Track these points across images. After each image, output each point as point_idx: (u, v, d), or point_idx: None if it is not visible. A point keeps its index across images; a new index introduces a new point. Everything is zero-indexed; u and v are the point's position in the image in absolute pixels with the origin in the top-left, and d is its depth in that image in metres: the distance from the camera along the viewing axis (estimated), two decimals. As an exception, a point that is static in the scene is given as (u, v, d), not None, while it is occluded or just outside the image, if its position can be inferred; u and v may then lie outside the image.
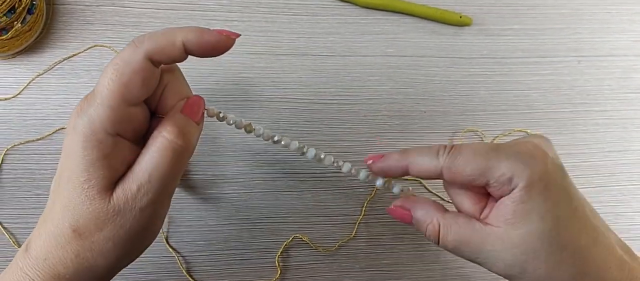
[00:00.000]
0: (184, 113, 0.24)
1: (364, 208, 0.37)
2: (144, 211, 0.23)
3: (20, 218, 0.34)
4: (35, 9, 0.34)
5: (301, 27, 0.39)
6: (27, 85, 0.35)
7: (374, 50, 0.39)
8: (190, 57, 0.25)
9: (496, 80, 0.40)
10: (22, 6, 0.33)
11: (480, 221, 0.25)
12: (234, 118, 0.28)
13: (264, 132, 0.28)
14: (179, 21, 0.38)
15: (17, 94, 0.35)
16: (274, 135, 0.29)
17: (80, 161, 0.22)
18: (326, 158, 0.29)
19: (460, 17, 0.40)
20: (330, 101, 0.38)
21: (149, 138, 0.23)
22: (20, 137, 0.34)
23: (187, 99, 0.25)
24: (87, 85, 0.36)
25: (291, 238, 0.36)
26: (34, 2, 0.34)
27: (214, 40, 0.23)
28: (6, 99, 0.35)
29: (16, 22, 0.33)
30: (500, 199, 0.25)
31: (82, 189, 0.22)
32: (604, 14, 0.42)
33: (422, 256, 0.37)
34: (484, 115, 0.40)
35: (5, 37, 0.33)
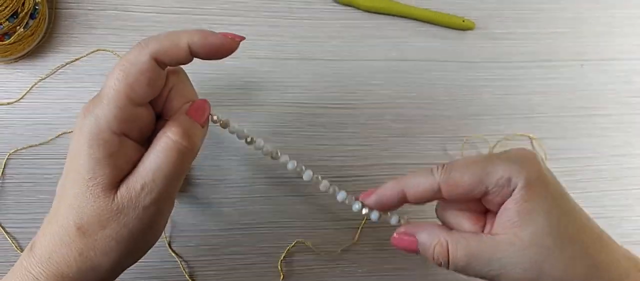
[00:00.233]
0: (189, 116, 0.25)
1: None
2: (147, 210, 0.23)
3: (23, 223, 0.34)
4: (37, 13, 0.34)
5: (304, 31, 0.39)
6: (30, 89, 0.35)
7: (377, 54, 0.39)
8: (194, 62, 0.25)
9: (499, 84, 0.40)
10: (25, 11, 0.33)
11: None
12: (236, 128, 0.28)
13: (264, 146, 0.28)
14: (182, 26, 0.37)
15: (20, 99, 0.35)
16: (273, 151, 0.29)
17: (86, 160, 0.22)
18: (322, 183, 0.29)
19: (463, 21, 0.40)
20: (333, 105, 0.38)
21: (154, 139, 0.24)
22: (23, 141, 0.34)
23: (193, 102, 0.25)
24: (90, 89, 0.36)
25: (294, 242, 0.36)
26: (37, 7, 0.34)
27: (219, 42, 0.24)
28: (9, 104, 0.35)
29: (19, 27, 0.33)
30: (501, 208, 0.25)
31: (87, 187, 0.22)
32: (607, 17, 0.42)
33: (425, 261, 0.37)
34: (487, 119, 0.40)
35: (7, 42, 0.33)
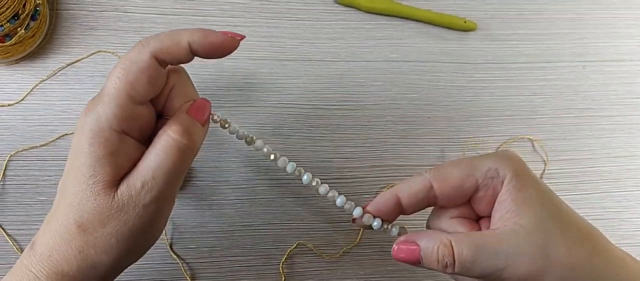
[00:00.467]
0: (190, 114, 0.25)
1: None
2: (147, 209, 0.23)
3: (23, 224, 0.34)
4: (38, 15, 0.34)
5: (305, 32, 0.38)
6: (31, 91, 0.35)
7: (378, 55, 0.39)
8: (194, 63, 0.25)
9: (500, 85, 0.40)
10: (26, 13, 0.33)
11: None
12: (236, 129, 0.28)
13: (264, 148, 0.28)
14: (181, 26, 0.36)
15: (21, 100, 0.35)
16: (272, 153, 0.29)
17: (86, 157, 0.22)
18: (321, 187, 0.29)
19: (464, 22, 0.40)
20: (334, 107, 0.38)
21: (155, 137, 0.24)
22: (23, 143, 0.34)
23: (194, 101, 0.25)
24: (90, 90, 0.36)
25: (295, 244, 0.36)
26: (38, 8, 0.34)
27: (219, 41, 0.24)
28: (9, 105, 0.35)
29: (20, 29, 0.33)
30: (495, 204, 0.25)
31: (87, 185, 0.22)
32: (609, 18, 0.42)
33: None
34: (488, 120, 0.39)
35: (8, 43, 0.33)
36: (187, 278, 0.35)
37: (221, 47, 0.24)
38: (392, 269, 0.37)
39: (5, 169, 0.34)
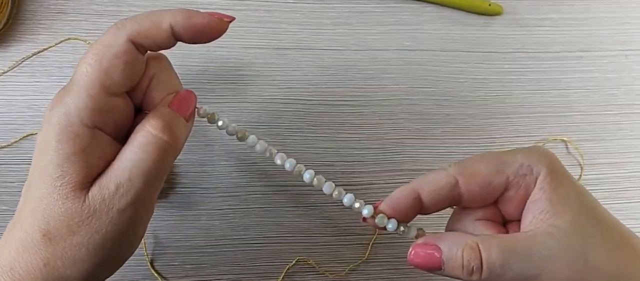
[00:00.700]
0: (172, 108, 0.24)
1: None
2: (122, 214, 0.22)
3: (-19, 238, 0.31)
4: (-4, -4, 0.32)
5: (305, 17, 0.37)
6: (-11, 84, 0.33)
7: (390, 43, 0.37)
8: (179, 52, 0.25)
9: (530, 78, 0.38)
10: (-21, -8, 0.29)
11: None
12: (226, 123, 0.27)
13: (258, 144, 0.27)
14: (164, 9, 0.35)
15: (-22, 95, 0.33)
16: (268, 149, 0.27)
17: (53, 155, 0.21)
18: (325, 185, 0.27)
19: (489, 5, 0.38)
20: (339, 102, 0.36)
21: (132, 134, 0.23)
22: (-19, 145, 0.33)
23: (176, 93, 0.25)
24: (59, 84, 0.34)
25: (295, 261, 0.34)
26: (-5, -12, 0.31)
27: (205, 22, 0.23)
28: (-35, 101, 0.33)
29: (-27, 12, 0.30)
30: (526, 204, 0.24)
31: (54, 187, 0.21)
32: (656, 1, 0.41)
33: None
34: (516, 118, 0.37)
35: (-40, 29, 0.30)
36: (170, 300, 0.33)
37: (207, 30, 0.23)
38: (407, 289, 0.35)
39: (-41, 175, 0.32)
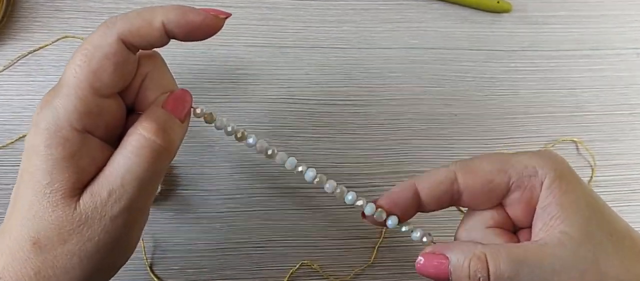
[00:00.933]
0: (165, 109, 0.23)
1: (385, 230, 0.34)
2: (115, 221, 0.21)
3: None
4: (-10, -8, 0.31)
5: (309, 14, 0.36)
6: (-16, 84, 0.33)
7: (396, 41, 0.37)
8: (178, 50, 0.25)
9: (540, 77, 0.37)
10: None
11: None
12: (224, 122, 0.26)
13: (258, 143, 0.26)
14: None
15: (-28, 95, 0.33)
16: (268, 148, 0.26)
17: (42, 161, 0.21)
18: (327, 184, 0.26)
19: (497, 2, 0.37)
20: (343, 102, 0.35)
21: (124, 137, 0.22)
22: (-25, 146, 0.32)
23: (170, 93, 0.24)
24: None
25: (299, 265, 0.33)
26: (-11, -15, 0.31)
27: (200, 20, 0.22)
28: (-41, 101, 0.33)
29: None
30: (536, 210, 0.24)
31: (43, 194, 0.21)
32: (668, -3, 0.40)
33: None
34: (525, 118, 0.36)
35: (-47, 27, 0.30)
36: (170, 306, 0.32)
37: (202, 27, 0.23)
38: (413, 294, 0.35)
39: (-48, 177, 0.32)
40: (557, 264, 0.22)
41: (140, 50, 0.23)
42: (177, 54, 0.33)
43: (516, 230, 0.26)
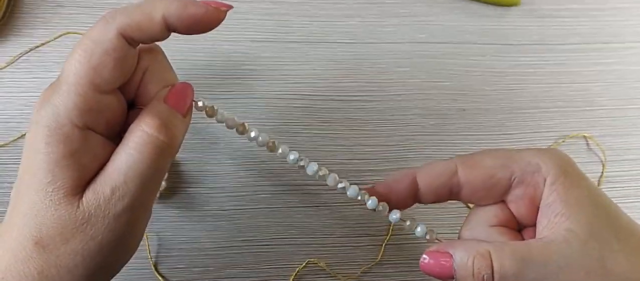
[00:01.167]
0: (167, 104, 0.23)
1: (392, 227, 0.34)
2: (118, 220, 0.21)
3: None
4: (-9, -12, 0.31)
5: (315, 9, 0.36)
6: (-14, 81, 0.33)
7: (403, 36, 0.37)
8: (184, 45, 0.24)
9: (549, 71, 0.37)
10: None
11: None
12: (225, 116, 0.26)
13: (259, 136, 0.26)
14: None
15: (-26, 92, 0.32)
16: (270, 140, 0.26)
17: (43, 159, 0.20)
18: (329, 177, 0.26)
19: None
20: (350, 98, 0.35)
21: (126, 133, 0.22)
22: (-23, 144, 0.32)
23: (172, 87, 0.24)
24: None
25: (305, 263, 0.33)
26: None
27: (201, 12, 0.22)
28: (-39, 98, 0.32)
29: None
30: (540, 207, 0.24)
31: (45, 193, 0.20)
32: (680, -11, 0.39)
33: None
34: (535, 113, 0.36)
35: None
36: (175, 305, 0.32)
37: (203, 20, 0.22)
38: (421, 292, 0.34)
39: (-46, 175, 0.32)
40: (562, 262, 0.22)
41: (140, 44, 0.22)
42: (183, 49, 0.33)
43: (521, 229, 0.26)
